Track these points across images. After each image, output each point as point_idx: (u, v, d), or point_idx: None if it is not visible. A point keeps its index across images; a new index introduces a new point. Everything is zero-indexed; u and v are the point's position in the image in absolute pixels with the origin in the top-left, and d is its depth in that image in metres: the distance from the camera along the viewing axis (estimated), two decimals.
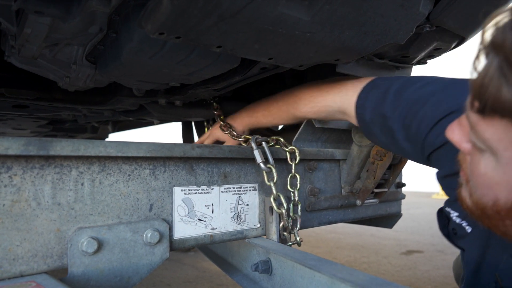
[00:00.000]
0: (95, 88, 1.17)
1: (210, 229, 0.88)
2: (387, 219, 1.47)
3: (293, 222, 0.96)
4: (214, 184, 0.90)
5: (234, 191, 0.93)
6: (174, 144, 0.81)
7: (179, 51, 0.80)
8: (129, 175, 0.76)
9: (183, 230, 0.83)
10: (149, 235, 0.75)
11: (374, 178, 1.11)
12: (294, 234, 0.96)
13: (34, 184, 0.65)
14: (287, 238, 0.95)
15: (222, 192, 0.91)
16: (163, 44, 0.77)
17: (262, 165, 0.92)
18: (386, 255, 2.84)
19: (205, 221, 0.87)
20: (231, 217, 0.92)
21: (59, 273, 0.66)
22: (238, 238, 0.93)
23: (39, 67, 1.00)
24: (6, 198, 0.62)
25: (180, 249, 0.84)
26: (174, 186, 0.83)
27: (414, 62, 1.15)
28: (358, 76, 1.12)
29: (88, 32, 0.80)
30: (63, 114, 1.63)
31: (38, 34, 0.77)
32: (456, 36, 0.98)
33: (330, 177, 1.17)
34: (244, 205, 0.95)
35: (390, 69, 1.18)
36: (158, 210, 0.80)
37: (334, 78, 1.05)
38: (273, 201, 0.92)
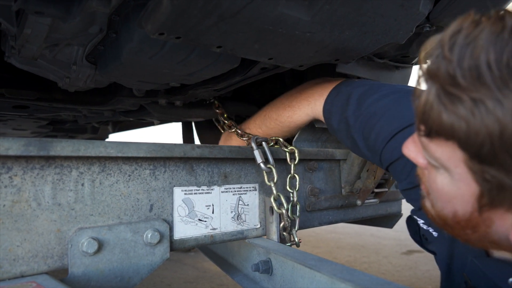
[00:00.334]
0: (95, 88, 1.17)
1: (211, 229, 0.88)
2: (388, 219, 1.47)
3: (291, 222, 0.96)
4: (215, 184, 0.90)
5: (235, 191, 0.93)
6: (174, 144, 0.81)
7: (179, 51, 0.80)
8: (129, 176, 0.76)
9: (184, 230, 0.83)
10: (149, 236, 0.75)
11: (375, 178, 1.11)
12: (293, 235, 0.96)
13: (35, 184, 0.65)
14: (287, 238, 0.95)
15: (222, 192, 0.91)
16: (163, 44, 0.77)
17: (262, 165, 0.92)
18: (386, 255, 2.84)
19: (205, 221, 0.87)
20: (232, 217, 0.92)
21: (60, 273, 0.66)
22: (239, 238, 0.93)
23: (39, 68, 1.00)
24: (6, 198, 0.62)
25: (180, 249, 0.84)
26: (174, 186, 0.83)
27: (414, 62, 1.15)
28: (358, 76, 1.12)
29: (88, 32, 0.80)
30: (63, 114, 1.63)
31: (38, 35, 0.77)
32: None
33: (331, 177, 1.17)
34: (244, 205, 0.95)
35: (390, 69, 1.18)
36: (159, 211, 0.80)
37: (302, 85, 1.09)
38: (273, 201, 0.92)
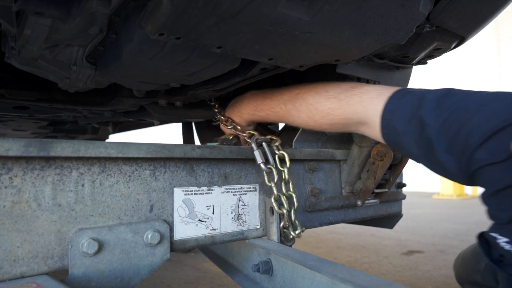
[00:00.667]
0: (96, 89, 1.17)
1: (211, 229, 0.88)
2: (388, 220, 1.47)
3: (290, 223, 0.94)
4: (215, 185, 0.90)
5: (235, 192, 0.93)
6: (175, 144, 0.81)
7: (179, 52, 0.80)
8: (129, 176, 0.76)
9: (184, 231, 0.83)
10: (149, 236, 0.75)
11: (375, 178, 1.11)
12: (292, 234, 0.94)
13: (35, 185, 0.65)
14: (288, 237, 0.95)
15: (222, 192, 0.91)
16: (163, 44, 0.77)
17: (262, 165, 0.92)
18: (387, 256, 2.84)
19: (205, 221, 0.87)
20: (232, 217, 0.92)
21: (60, 274, 0.66)
22: (239, 238, 0.93)
23: (39, 68, 1.00)
24: (6, 199, 0.62)
25: (180, 250, 0.84)
26: (174, 187, 0.83)
27: (414, 62, 1.15)
28: (358, 77, 1.12)
29: (88, 33, 0.80)
30: (64, 115, 1.63)
31: (38, 35, 0.77)
32: (456, 36, 0.98)
33: (331, 177, 1.17)
34: (244, 205, 0.94)
35: (391, 69, 1.18)
36: (159, 211, 0.80)
37: (352, 83, 0.98)
38: (273, 201, 0.92)
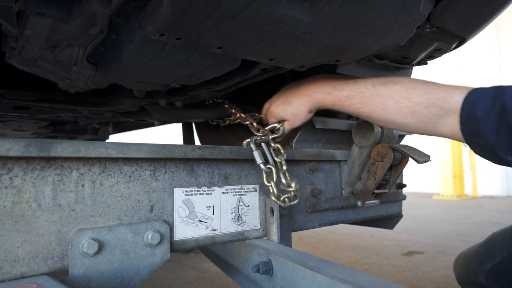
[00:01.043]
0: (96, 89, 1.17)
1: (211, 230, 0.88)
2: (388, 220, 1.47)
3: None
4: (215, 185, 0.90)
5: (235, 192, 0.93)
6: (175, 145, 0.81)
7: (180, 52, 0.80)
8: (129, 176, 0.76)
9: (184, 231, 0.83)
10: (149, 236, 0.75)
11: (375, 179, 1.11)
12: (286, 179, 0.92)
13: (35, 185, 0.65)
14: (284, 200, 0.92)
15: (222, 193, 0.91)
16: (164, 45, 0.77)
17: (262, 165, 0.91)
18: (387, 256, 2.84)
19: (205, 222, 0.87)
20: (232, 218, 0.92)
21: (60, 274, 0.66)
22: (239, 239, 0.93)
23: (40, 69, 1.00)
24: (7, 199, 0.62)
25: (180, 250, 0.84)
26: (174, 187, 0.83)
27: (414, 63, 1.15)
28: (359, 77, 1.12)
29: (88, 33, 0.80)
30: (64, 115, 1.63)
31: (38, 36, 0.77)
32: (456, 36, 0.98)
33: (331, 178, 1.17)
34: (244, 206, 0.94)
35: (391, 70, 1.18)
36: (159, 211, 0.80)
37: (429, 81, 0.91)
38: (273, 198, 0.91)
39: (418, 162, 1.03)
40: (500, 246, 1.09)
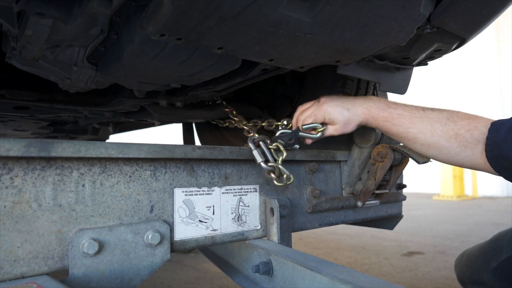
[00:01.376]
0: (96, 89, 1.17)
1: (211, 230, 0.88)
2: (388, 220, 1.47)
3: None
4: (215, 185, 0.90)
5: (235, 193, 0.93)
6: (175, 145, 0.81)
7: (180, 53, 0.80)
8: (130, 177, 0.76)
9: (184, 231, 0.83)
10: (150, 237, 0.75)
11: (375, 179, 1.11)
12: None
13: (35, 185, 0.65)
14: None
15: (223, 193, 0.91)
16: (164, 45, 0.77)
17: (263, 164, 0.91)
18: (387, 257, 2.84)
19: (206, 222, 0.87)
20: (232, 218, 0.92)
21: (60, 274, 0.66)
22: (239, 239, 0.93)
23: (40, 69, 1.00)
24: (7, 199, 0.62)
25: (181, 250, 0.84)
26: (175, 187, 0.83)
27: (415, 63, 1.15)
28: (359, 78, 1.12)
29: (89, 33, 0.80)
30: (64, 115, 1.63)
31: (39, 36, 0.77)
32: (456, 37, 0.98)
33: (331, 178, 1.17)
34: (245, 206, 0.95)
35: (391, 70, 1.18)
36: (159, 212, 0.80)
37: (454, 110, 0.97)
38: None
39: (418, 162, 1.03)
40: (508, 244, 1.10)
